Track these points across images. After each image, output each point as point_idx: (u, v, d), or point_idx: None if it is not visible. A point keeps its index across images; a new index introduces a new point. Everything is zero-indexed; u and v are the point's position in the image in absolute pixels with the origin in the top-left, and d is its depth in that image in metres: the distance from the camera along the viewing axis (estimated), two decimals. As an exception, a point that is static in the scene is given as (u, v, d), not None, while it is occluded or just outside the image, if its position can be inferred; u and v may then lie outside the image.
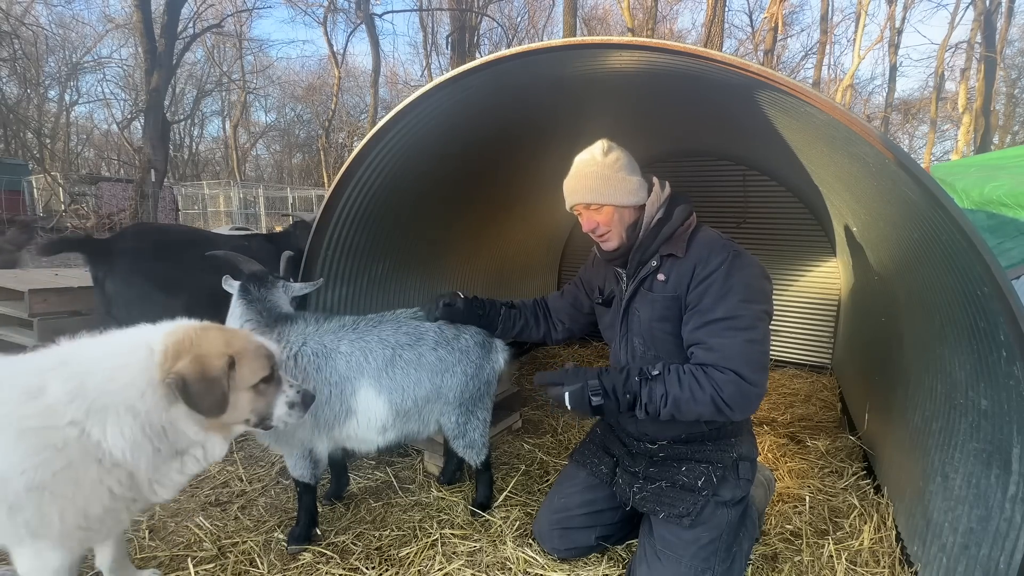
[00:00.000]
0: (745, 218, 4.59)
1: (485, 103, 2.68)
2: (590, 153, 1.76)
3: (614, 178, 1.71)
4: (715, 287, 1.60)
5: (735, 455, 1.79)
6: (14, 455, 1.17)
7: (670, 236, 1.73)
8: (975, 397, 1.62)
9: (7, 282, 3.60)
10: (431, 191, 3.23)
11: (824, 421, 3.39)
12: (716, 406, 1.53)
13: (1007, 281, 1.32)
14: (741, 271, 1.61)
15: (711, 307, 1.60)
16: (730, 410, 1.54)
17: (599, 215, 1.76)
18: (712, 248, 1.67)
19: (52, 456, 1.20)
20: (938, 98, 19.77)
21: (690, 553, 1.70)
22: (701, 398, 1.54)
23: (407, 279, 3.55)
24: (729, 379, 1.53)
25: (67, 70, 21.97)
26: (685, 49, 1.86)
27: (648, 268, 1.77)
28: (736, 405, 1.53)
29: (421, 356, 2.03)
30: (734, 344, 1.55)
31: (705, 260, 1.65)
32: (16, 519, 1.21)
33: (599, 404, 1.62)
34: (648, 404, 1.59)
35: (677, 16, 27.77)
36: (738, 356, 1.54)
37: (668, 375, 1.60)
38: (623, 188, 1.71)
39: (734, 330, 1.56)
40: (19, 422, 1.19)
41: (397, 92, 27.25)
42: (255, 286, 2.07)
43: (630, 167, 1.75)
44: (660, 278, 1.74)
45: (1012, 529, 1.42)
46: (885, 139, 1.54)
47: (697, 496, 1.73)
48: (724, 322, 1.57)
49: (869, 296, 3.05)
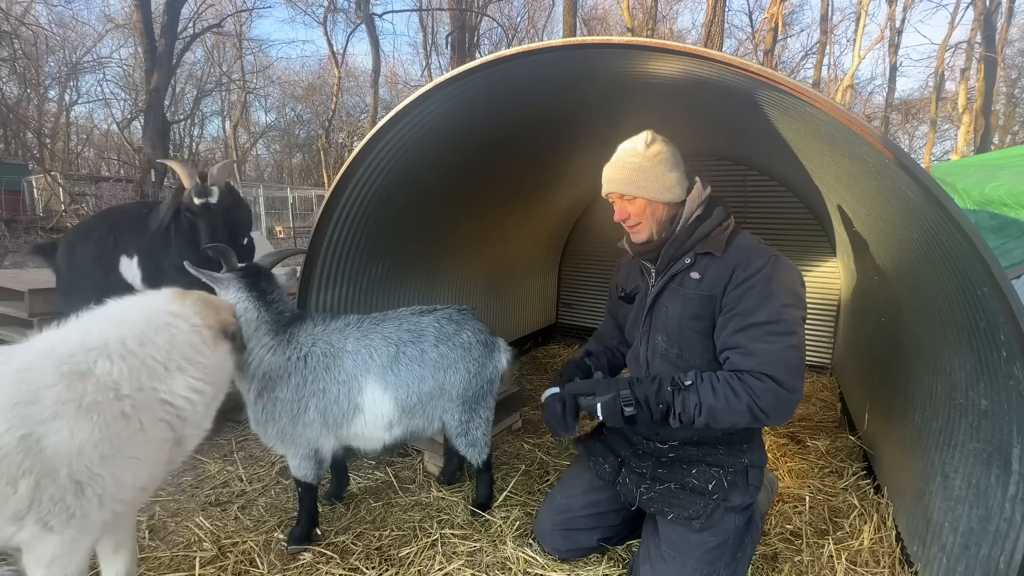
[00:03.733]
0: (745, 218, 4.59)
1: (485, 103, 2.68)
2: (632, 143, 1.75)
3: (652, 171, 1.69)
4: (757, 290, 1.58)
5: (746, 461, 1.78)
6: (83, 430, 1.24)
7: (707, 234, 1.71)
8: (975, 397, 1.62)
9: (7, 282, 3.60)
10: (431, 191, 3.23)
11: (824, 421, 3.39)
12: (753, 414, 1.53)
13: (1007, 281, 1.32)
14: (783, 275, 1.60)
15: (752, 310, 1.58)
16: (767, 417, 1.54)
17: (631, 206, 1.75)
18: (753, 251, 1.65)
19: (123, 424, 1.30)
20: (938, 98, 19.76)
21: (696, 556, 1.70)
22: (737, 407, 1.53)
23: (407, 279, 3.55)
24: (767, 387, 1.52)
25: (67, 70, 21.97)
26: (685, 49, 1.86)
27: (681, 264, 1.74)
28: (773, 412, 1.53)
29: (424, 352, 2.05)
30: (775, 349, 1.53)
31: (746, 262, 1.62)
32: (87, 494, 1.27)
33: (632, 414, 1.61)
34: (682, 414, 1.58)
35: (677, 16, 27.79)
36: (778, 362, 1.53)
37: (701, 384, 1.59)
38: (659, 183, 1.69)
39: (775, 335, 1.54)
40: (78, 400, 1.25)
41: (397, 92, 27.27)
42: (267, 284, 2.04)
43: (671, 162, 1.72)
44: (694, 276, 1.71)
45: (1012, 529, 1.42)
46: (885, 139, 1.54)
47: (708, 499, 1.72)
48: (766, 326, 1.55)
49: (869, 296, 3.04)
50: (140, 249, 2.99)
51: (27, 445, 1.19)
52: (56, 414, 1.23)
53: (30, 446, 1.19)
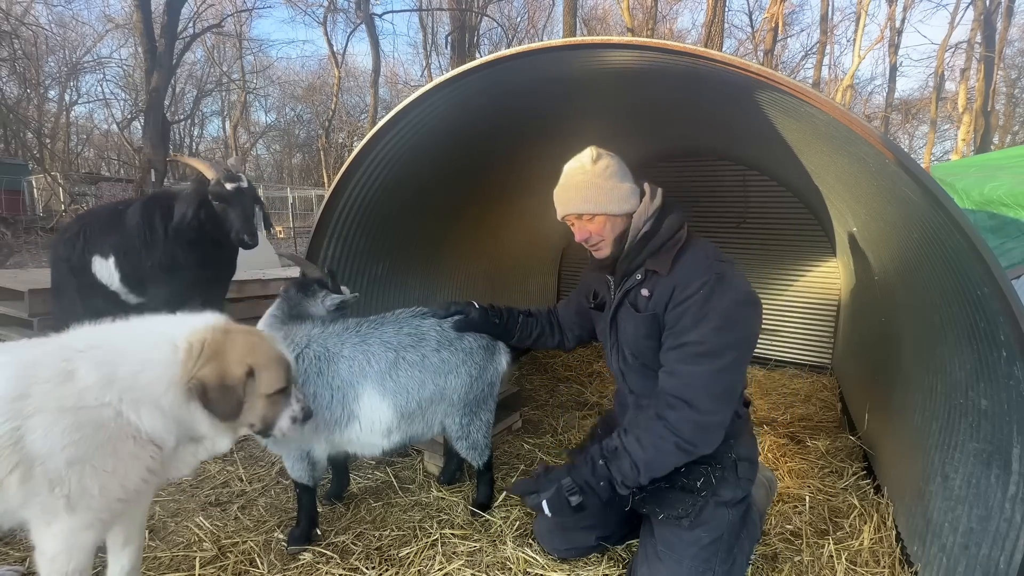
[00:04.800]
0: (745, 218, 4.59)
1: (485, 103, 2.68)
2: (579, 161, 1.71)
3: (605, 186, 1.66)
4: (691, 312, 1.57)
5: (734, 456, 1.78)
6: (55, 431, 1.24)
7: (656, 251, 1.69)
8: (975, 397, 1.62)
9: (7, 282, 3.60)
10: (431, 191, 3.23)
11: (824, 421, 3.39)
12: (682, 450, 1.54)
13: (1007, 281, 1.32)
14: (721, 297, 1.55)
15: (684, 331, 1.58)
16: (695, 447, 1.55)
17: (592, 225, 1.71)
18: (694, 270, 1.61)
19: (92, 432, 1.27)
20: (938, 98, 19.77)
21: (691, 554, 1.70)
22: (666, 449, 1.55)
23: (407, 279, 3.55)
24: (682, 416, 1.53)
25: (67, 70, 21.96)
26: (685, 49, 1.86)
27: (633, 280, 1.74)
28: (699, 440, 1.54)
29: (425, 357, 2.02)
30: (699, 372, 1.54)
31: (685, 283, 1.60)
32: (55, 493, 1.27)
33: (579, 502, 1.60)
34: (625, 481, 1.58)
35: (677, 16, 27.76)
36: (700, 386, 1.53)
37: (627, 440, 1.59)
38: (615, 196, 1.66)
39: (699, 356, 1.54)
40: (57, 402, 1.26)
41: (397, 92, 27.26)
42: (295, 289, 2.17)
43: (621, 173, 1.69)
44: (644, 293, 1.72)
45: (1012, 529, 1.42)
46: (885, 139, 1.54)
47: (696, 497, 1.73)
48: (692, 347, 1.55)
49: (869, 296, 3.05)
50: (116, 249, 2.94)
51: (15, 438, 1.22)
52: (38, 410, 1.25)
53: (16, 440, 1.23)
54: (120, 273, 2.94)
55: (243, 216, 2.70)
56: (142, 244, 2.87)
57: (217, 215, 2.75)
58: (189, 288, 2.95)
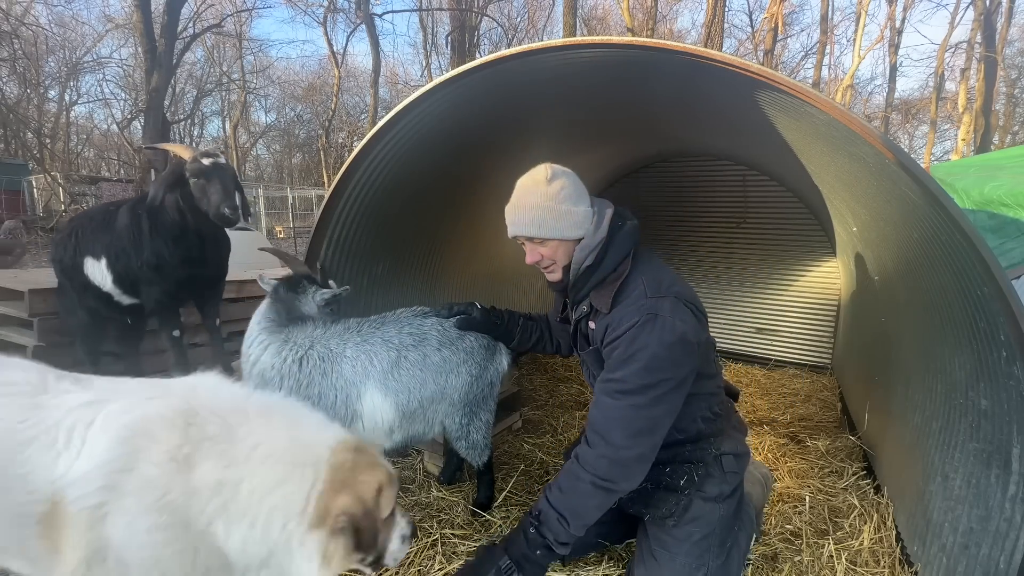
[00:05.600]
0: (745, 218, 4.59)
1: (485, 103, 2.68)
2: (532, 180, 1.64)
3: (558, 210, 1.59)
4: (619, 351, 1.56)
5: (716, 452, 1.78)
6: (142, 526, 1.04)
7: (599, 284, 1.67)
8: (975, 397, 1.62)
9: (7, 282, 3.60)
10: (431, 191, 3.23)
11: (824, 421, 3.39)
12: (600, 488, 1.52)
13: (1007, 281, 1.32)
14: (648, 336, 1.51)
15: (612, 368, 1.58)
16: (614, 484, 1.52)
17: (543, 248, 1.67)
18: (628, 310, 1.58)
19: (177, 536, 1.06)
20: (938, 98, 19.77)
21: (683, 551, 1.70)
22: (584, 489, 1.52)
23: (407, 279, 3.55)
24: (598, 454, 1.53)
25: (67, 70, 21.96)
26: (685, 49, 1.86)
27: (580, 312, 1.76)
28: (616, 476, 1.52)
29: (426, 357, 2.02)
30: (617, 407, 1.53)
31: (617, 323, 1.58)
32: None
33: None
34: (558, 538, 1.54)
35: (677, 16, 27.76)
36: (616, 420, 1.53)
37: (551, 495, 1.58)
38: (567, 221, 1.61)
39: (620, 393, 1.53)
40: (161, 493, 1.05)
41: (397, 92, 27.26)
42: (285, 289, 2.13)
43: (576, 196, 1.63)
44: (591, 326, 1.73)
45: (1012, 529, 1.42)
46: (885, 139, 1.54)
47: (679, 496, 1.73)
48: (615, 383, 1.55)
49: (869, 296, 3.05)
50: (107, 250, 2.91)
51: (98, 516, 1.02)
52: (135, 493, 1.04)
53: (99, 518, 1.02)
54: (112, 274, 2.93)
55: (222, 190, 2.63)
56: (130, 244, 2.85)
57: (194, 195, 2.69)
58: (181, 288, 2.94)
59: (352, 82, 28.03)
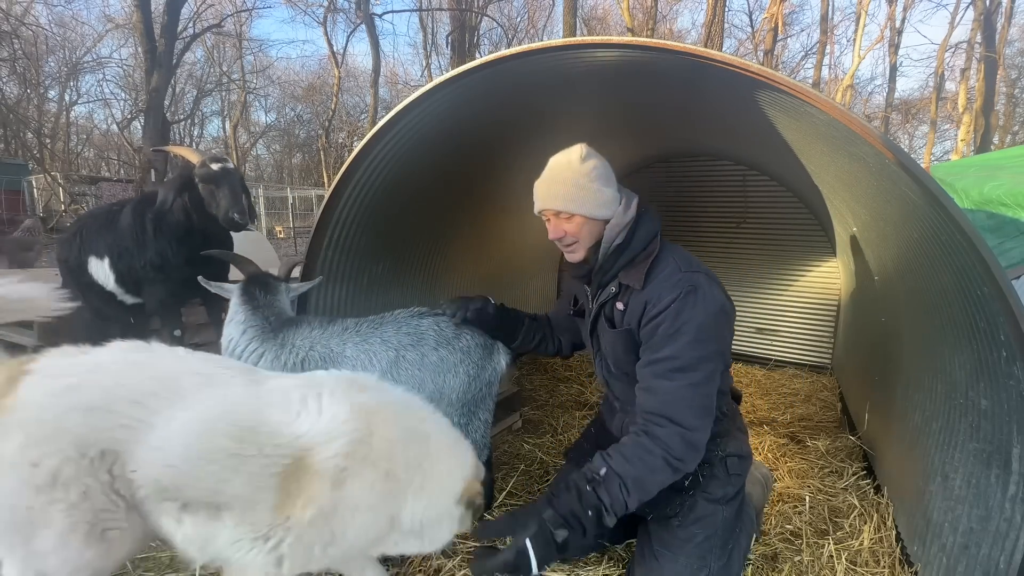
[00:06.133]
0: (745, 218, 4.59)
1: (485, 103, 2.68)
2: (566, 157, 1.67)
3: (589, 187, 1.62)
4: (664, 327, 1.54)
5: (722, 453, 1.78)
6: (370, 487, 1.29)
7: (629, 263, 1.67)
8: (975, 397, 1.62)
9: (7, 282, 3.60)
10: (431, 191, 3.23)
11: (824, 421, 3.39)
12: (670, 465, 1.49)
13: (1007, 281, 1.32)
14: (693, 309, 1.53)
15: (658, 346, 1.56)
16: (683, 464, 1.50)
17: (568, 224, 1.67)
18: (666, 284, 1.58)
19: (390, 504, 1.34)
20: (938, 98, 19.77)
21: (685, 552, 1.70)
22: (655, 464, 1.49)
23: (407, 279, 3.55)
24: (671, 432, 1.50)
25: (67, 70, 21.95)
26: (685, 49, 1.86)
27: (607, 293, 1.73)
28: (687, 456, 1.50)
29: (424, 356, 2.02)
30: (675, 388, 1.51)
31: (657, 298, 1.57)
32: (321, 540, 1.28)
33: (565, 537, 1.43)
34: (614, 505, 1.47)
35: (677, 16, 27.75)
36: (679, 401, 1.51)
37: (614, 461, 1.51)
38: (596, 199, 1.63)
39: (675, 372, 1.52)
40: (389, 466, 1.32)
41: (397, 92, 27.25)
42: (260, 291, 2.06)
43: (606, 177, 1.66)
44: (619, 307, 1.70)
45: (1012, 529, 1.42)
46: (885, 139, 1.54)
47: (684, 496, 1.73)
48: (667, 362, 1.53)
49: (869, 296, 3.05)
50: (111, 250, 2.93)
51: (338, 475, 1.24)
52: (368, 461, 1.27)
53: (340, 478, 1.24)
54: (116, 274, 2.94)
55: (231, 195, 2.66)
56: (134, 244, 2.87)
57: (203, 199, 2.72)
58: (184, 288, 2.95)
59: (352, 82, 28.04)
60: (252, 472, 1.20)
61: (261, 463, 1.20)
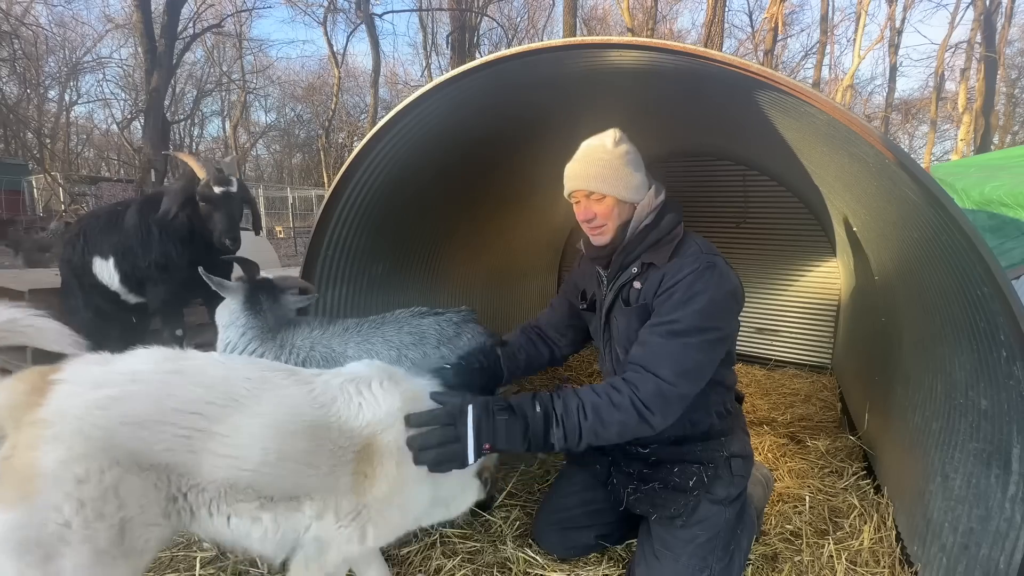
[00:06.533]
0: (745, 218, 4.59)
1: (485, 103, 2.68)
2: (600, 140, 1.72)
3: (622, 170, 1.67)
4: (677, 295, 1.57)
5: (726, 453, 1.78)
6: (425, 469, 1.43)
7: (655, 243, 1.70)
8: (975, 397, 1.62)
9: (7, 282, 3.60)
10: (431, 191, 3.23)
11: (824, 421, 3.38)
12: (636, 410, 1.45)
13: (1007, 281, 1.32)
14: (707, 283, 1.55)
15: (665, 312, 1.57)
16: (649, 413, 1.45)
17: (599, 205, 1.70)
18: (686, 258, 1.63)
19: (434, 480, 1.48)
20: (938, 98, 19.78)
21: (687, 552, 1.70)
22: (620, 402, 1.46)
23: (407, 279, 3.55)
24: (646, 378, 1.49)
25: (67, 70, 21.97)
26: (685, 49, 1.86)
27: (627, 274, 1.73)
28: (656, 407, 1.46)
29: (426, 356, 2.02)
30: (667, 344, 1.52)
31: (675, 270, 1.61)
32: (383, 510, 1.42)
33: (504, 420, 1.38)
34: (566, 415, 1.43)
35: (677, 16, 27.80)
36: (666, 356, 1.50)
37: (582, 389, 1.50)
38: (628, 182, 1.67)
39: (673, 333, 1.53)
40: None
41: (397, 92, 27.26)
42: (269, 297, 2.04)
43: (637, 163, 1.71)
44: (636, 286, 1.71)
45: (1012, 529, 1.42)
46: (885, 139, 1.54)
47: (688, 496, 1.73)
48: (668, 324, 1.54)
49: (869, 296, 3.05)
50: (115, 250, 2.94)
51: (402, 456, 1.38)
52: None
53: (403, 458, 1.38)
54: (119, 273, 2.94)
55: (228, 220, 2.70)
56: (138, 244, 2.88)
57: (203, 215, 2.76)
58: (187, 288, 2.95)
59: (352, 82, 28.06)
60: (330, 463, 1.30)
61: (337, 454, 1.31)
